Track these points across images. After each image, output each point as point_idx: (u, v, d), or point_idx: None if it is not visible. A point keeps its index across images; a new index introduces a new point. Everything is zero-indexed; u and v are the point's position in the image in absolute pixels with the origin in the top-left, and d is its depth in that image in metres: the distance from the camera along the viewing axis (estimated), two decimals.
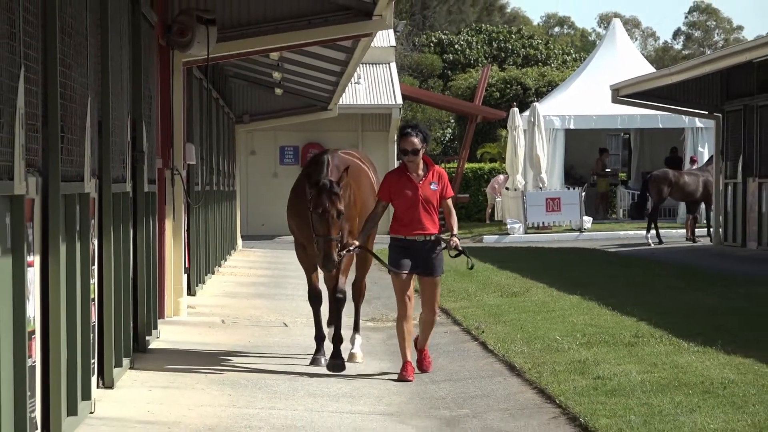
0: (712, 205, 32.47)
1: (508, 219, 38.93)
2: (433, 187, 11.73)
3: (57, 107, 8.38)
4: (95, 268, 10.12)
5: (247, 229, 38.14)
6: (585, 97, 41.27)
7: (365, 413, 10.14)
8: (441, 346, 13.67)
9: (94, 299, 9.97)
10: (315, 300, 12.53)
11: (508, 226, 37.94)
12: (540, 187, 38.53)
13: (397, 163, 18.44)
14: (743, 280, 19.92)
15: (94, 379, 9.96)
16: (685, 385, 10.26)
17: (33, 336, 7.82)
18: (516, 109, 40.10)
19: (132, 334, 12.29)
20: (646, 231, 32.63)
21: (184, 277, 17.17)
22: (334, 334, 12.32)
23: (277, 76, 25.92)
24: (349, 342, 12.81)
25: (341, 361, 12.13)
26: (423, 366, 12.08)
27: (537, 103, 40.48)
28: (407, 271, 11.67)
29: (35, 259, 7.97)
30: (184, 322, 15.91)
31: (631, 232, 36.34)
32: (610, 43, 45.37)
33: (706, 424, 8.76)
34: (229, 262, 26.94)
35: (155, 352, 13.12)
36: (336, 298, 12.40)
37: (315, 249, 11.78)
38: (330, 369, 12.06)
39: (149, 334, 13.39)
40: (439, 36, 69.26)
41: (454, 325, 15.63)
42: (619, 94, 32.72)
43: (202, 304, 18.07)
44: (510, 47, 66.09)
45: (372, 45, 21.01)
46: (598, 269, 23.03)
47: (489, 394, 10.99)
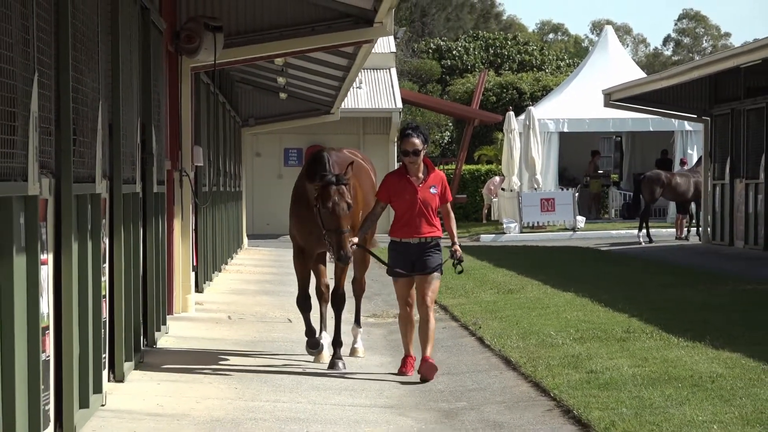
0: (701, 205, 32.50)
1: (504, 219, 38.91)
2: (432, 190, 11.35)
3: (69, 111, 8.38)
4: (106, 266, 10.12)
5: (252, 229, 38.15)
6: (578, 102, 41.27)
7: (366, 406, 10.14)
8: (439, 341, 13.65)
9: (105, 296, 9.96)
10: (304, 305, 12.15)
11: (504, 226, 37.93)
12: (535, 188, 38.53)
13: (397, 165, 18.36)
14: (731, 277, 19.90)
15: (105, 373, 9.97)
16: (674, 378, 10.26)
17: (46, 331, 7.81)
18: (512, 113, 40.10)
19: (142, 329, 12.29)
20: (638, 230, 32.63)
21: (192, 274, 17.16)
22: (335, 338, 12.09)
23: (281, 81, 25.92)
24: (351, 334, 12.73)
25: (342, 361, 11.91)
26: (424, 373, 11.23)
27: (532, 107, 40.45)
28: (406, 273, 11.32)
29: (48, 258, 7.97)
30: (192, 318, 15.90)
31: (623, 231, 36.35)
32: (603, 49, 45.37)
33: (695, 416, 8.76)
34: (235, 261, 26.93)
35: (164, 347, 13.12)
36: (336, 301, 12.18)
37: (327, 246, 11.41)
38: (332, 368, 11.82)
39: (158, 329, 13.39)
40: (437, 42, 69.23)
41: (452, 321, 15.63)
42: (611, 99, 32.72)
43: (209, 301, 18.06)
44: (506, 53, 66.08)
45: (373, 51, 20.99)
46: (590, 267, 23.01)
47: (486, 387, 10.99)
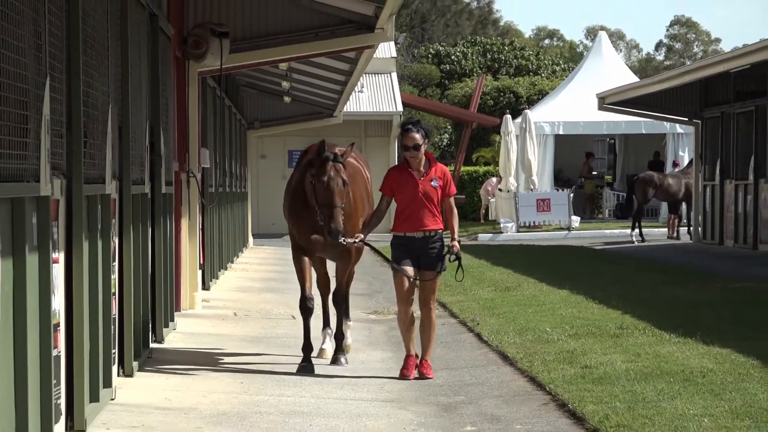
0: (692, 206, 32.51)
1: (501, 219, 38.90)
2: (434, 183, 11.00)
3: (80, 114, 8.38)
4: (116, 264, 10.11)
5: (258, 228, 38.14)
6: (573, 105, 41.25)
7: (368, 400, 10.13)
8: (439, 337, 13.60)
9: (114, 293, 9.96)
10: (306, 308, 11.74)
11: (502, 225, 37.92)
12: (531, 189, 38.52)
13: None
14: (721, 276, 19.90)
15: (115, 368, 9.96)
16: (666, 373, 10.25)
17: (58, 328, 7.81)
18: (509, 116, 40.08)
19: (150, 325, 12.28)
20: (631, 229, 32.61)
21: (199, 272, 17.16)
22: (336, 332, 11.92)
23: (285, 85, 25.91)
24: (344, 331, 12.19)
25: (344, 356, 11.83)
26: (423, 370, 11.10)
27: (528, 111, 40.43)
28: (409, 268, 10.98)
29: (60, 256, 7.96)
30: (199, 315, 15.90)
31: (616, 230, 36.33)
32: (597, 54, 45.36)
33: (686, 410, 8.75)
34: (241, 259, 26.92)
35: (172, 343, 13.12)
36: (337, 302, 11.93)
37: (318, 220, 11.06)
38: (334, 364, 11.75)
39: (166, 326, 13.38)
40: (436, 48, 69.17)
41: (450, 318, 15.62)
42: (605, 102, 32.72)
43: (215, 298, 18.06)
44: (503, 58, 66.00)
45: (374, 56, 21.02)
46: (585, 266, 23.01)
47: (483, 382, 10.98)
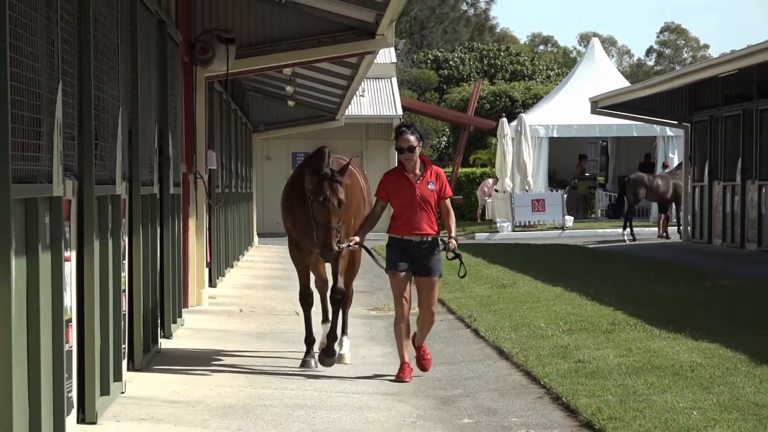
0: (681, 206, 32.51)
1: (497, 218, 38.88)
2: (430, 186, 10.64)
3: (91, 117, 8.38)
4: (126, 262, 10.11)
5: (262, 227, 38.13)
6: (567, 109, 41.22)
7: (369, 393, 10.13)
8: (437, 333, 13.62)
9: (124, 290, 9.96)
10: (306, 301, 11.50)
11: (498, 225, 37.90)
12: (526, 190, 38.50)
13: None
14: (710, 273, 19.89)
15: (125, 362, 9.96)
16: (657, 368, 10.25)
17: (69, 324, 7.81)
18: (505, 120, 40.04)
19: (159, 321, 12.28)
20: (623, 229, 32.60)
21: (206, 270, 17.16)
22: (330, 331, 11.36)
23: (289, 89, 25.90)
24: (337, 345, 11.48)
25: (332, 359, 11.23)
26: (422, 364, 10.96)
27: (524, 114, 40.42)
28: (403, 271, 10.60)
29: (72, 255, 7.96)
30: (206, 311, 15.90)
31: (609, 230, 36.30)
32: (590, 59, 45.33)
33: (676, 402, 8.75)
34: (246, 257, 26.91)
35: (180, 338, 13.12)
36: (335, 299, 11.44)
37: (314, 238, 10.67)
38: (321, 363, 11.19)
39: (174, 321, 13.38)
40: (435, 53, 69.14)
41: (448, 314, 15.61)
42: (598, 106, 32.73)
43: (222, 295, 18.06)
44: (499, 63, 65.98)
45: (375, 61, 20.98)
46: (578, 264, 23.00)
47: (480, 376, 10.98)
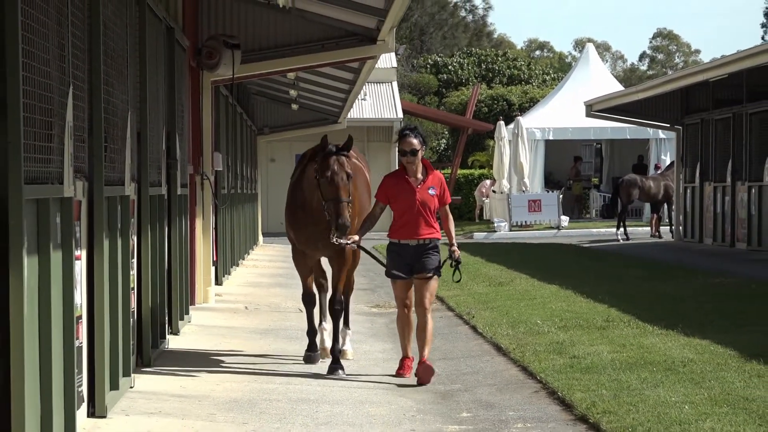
0: (673, 206, 32.53)
1: (495, 218, 38.88)
2: (431, 191, 10.34)
3: (101, 121, 8.38)
4: (134, 261, 10.11)
5: (267, 227, 38.15)
6: (562, 112, 41.26)
7: (370, 388, 10.12)
8: (437, 329, 13.57)
9: (133, 288, 9.96)
10: (308, 301, 11.42)
11: (495, 225, 37.90)
12: (523, 191, 38.50)
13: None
14: (701, 271, 19.88)
15: (134, 358, 9.97)
16: (649, 363, 10.25)
17: (80, 320, 7.81)
18: (502, 123, 40.07)
19: (167, 318, 12.28)
20: (616, 228, 32.59)
21: (212, 268, 17.15)
22: (332, 346, 10.97)
23: (293, 93, 25.91)
24: (339, 336, 11.19)
25: (339, 366, 10.71)
26: (421, 376, 10.23)
27: (520, 117, 40.38)
28: (403, 279, 10.35)
29: (82, 254, 7.96)
30: (212, 308, 15.90)
31: (603, 229, 36.31)
32: (584, 64, 45.35)
33: (668, 397, 8.75)
34: (251, 256, 26.91)
35: (187, 334, 13.12)
36: (334, 310, 11.06)
37: (326, 215, 10.38)
38: (329, 373, 10.66)
39: (182, 318, 13.38)
40: (434, 58, 69.13)
41: (447, 311, 15.62)
42: (592, 109, 32.75)
43: (228, 293, 18.05)
44: (497, 68, 65.96)
45: (376, 66, 20.99)
46: (573, 262, 22.99)
47: (478, 371, 10.98)
